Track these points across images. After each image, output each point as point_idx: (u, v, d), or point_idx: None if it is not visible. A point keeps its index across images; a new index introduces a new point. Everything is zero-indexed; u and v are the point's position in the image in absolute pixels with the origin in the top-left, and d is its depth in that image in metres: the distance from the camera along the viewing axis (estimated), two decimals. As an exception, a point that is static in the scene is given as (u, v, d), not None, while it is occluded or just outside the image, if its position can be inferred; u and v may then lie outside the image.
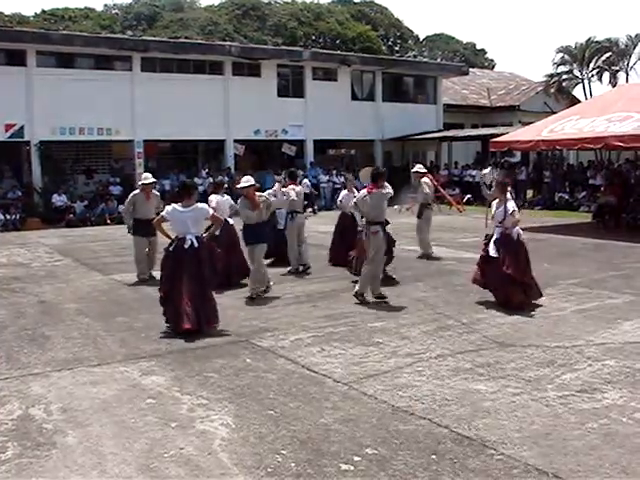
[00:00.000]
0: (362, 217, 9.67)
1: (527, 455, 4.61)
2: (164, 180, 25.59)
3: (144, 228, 11.03)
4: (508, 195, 9.41)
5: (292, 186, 12.33)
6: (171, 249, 8.08)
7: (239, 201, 10.07)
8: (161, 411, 5.49)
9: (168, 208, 8.30)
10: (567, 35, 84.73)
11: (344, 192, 12.62)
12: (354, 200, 9.89)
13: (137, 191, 11.75)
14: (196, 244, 7.99)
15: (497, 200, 9.40)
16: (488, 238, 9.41)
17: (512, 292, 8.95)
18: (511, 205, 9.20)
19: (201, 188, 23.19)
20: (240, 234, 10.59)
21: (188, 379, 6.28)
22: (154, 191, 12.06)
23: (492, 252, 9.13)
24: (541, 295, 9.24)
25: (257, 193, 10.08)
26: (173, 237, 8.16)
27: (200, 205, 8.34)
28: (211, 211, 8.50)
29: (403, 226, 13.91)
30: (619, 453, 4.63)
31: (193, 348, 7.30)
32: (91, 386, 6.12)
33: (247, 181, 9.86)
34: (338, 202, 12.76)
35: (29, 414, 5.47)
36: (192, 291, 7.83)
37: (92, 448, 4.82)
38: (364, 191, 9.49)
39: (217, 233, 8.84)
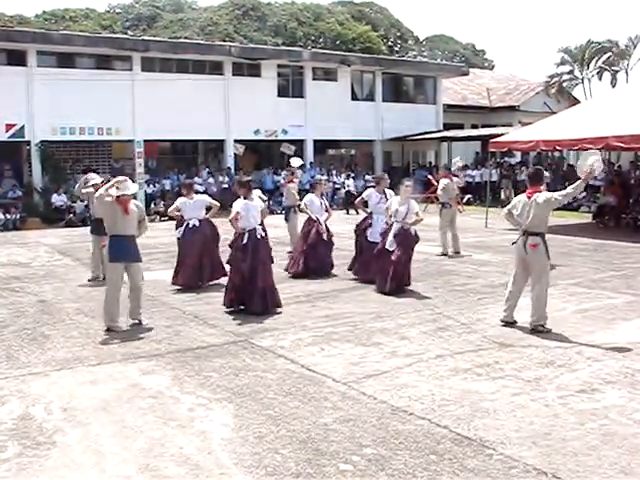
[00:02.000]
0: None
1: (526, 455, 4.61)
2: (164, 180, 25.65)
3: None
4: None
5: (292, 184, 12.53)
6: (244, 241, 8.85)
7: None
8: (161, 410, 5.49)
9: (239, 203, 8.94)
10: (567, 36, 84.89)
11: (373, 192, 11.61)
12: None
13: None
14: (263, 234, 9.06)
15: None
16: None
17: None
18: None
19: (201, 188, 23.26)
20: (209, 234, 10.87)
21: (188, 379, 6.28)
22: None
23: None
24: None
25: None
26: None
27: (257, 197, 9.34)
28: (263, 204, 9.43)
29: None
30: (618, 453, 4.63)
31: (193, 348, 7.31)
32: (91, 385, 6.13)
33: (126, 189, 8.13)
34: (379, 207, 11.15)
35: (29, 413, 5.47)
36: (267, 278, 8.94)
37: (92, 447, 4.83)
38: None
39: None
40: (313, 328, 8.10)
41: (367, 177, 29.47)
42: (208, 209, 10.95)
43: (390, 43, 55.47)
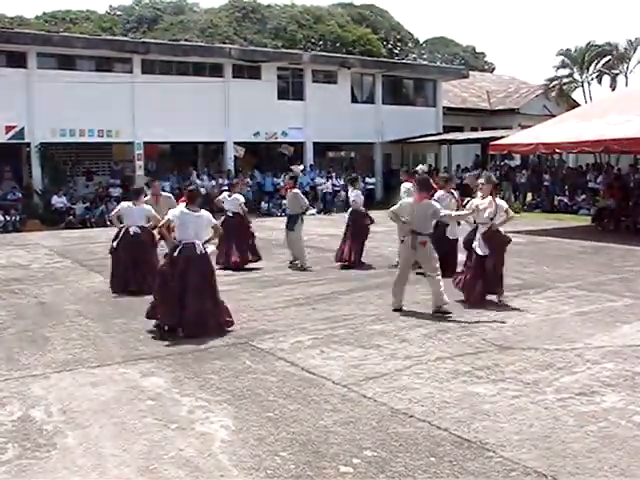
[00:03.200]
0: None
1: (526, 458, 4.61)
2: (164, 182, 25.64)
3: None
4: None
5: (295, 190, 12.56)
6: (176, 254, 7.98)
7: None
8: (161, 413, 5.49)
9: (174, 211, 8.25)
10: (567, 39, 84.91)
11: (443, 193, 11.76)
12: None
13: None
14: (203, 250, 8.08)
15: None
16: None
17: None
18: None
19: (203, 191, 23.27)
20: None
21: (188, 381, 6.28)
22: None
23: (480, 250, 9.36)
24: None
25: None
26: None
27: (205, 212, 8.31)
28: (214, 220, 8.42)
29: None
30: (618, 456, 4.63)
31: (193, 350, 7.31)
32: (91, 387, 6.12)
33: None
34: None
35: (29, 415, 5.47)
36: (204, 297, 7.94)
37: (92, 449, 4.82)
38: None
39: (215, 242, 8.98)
40: (313, 330, 8.10)
41: (367, 179, 29.56)
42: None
43: (390, 46, 55.48)
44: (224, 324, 8.10)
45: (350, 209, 13.09)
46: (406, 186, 12.50)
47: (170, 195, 12.55)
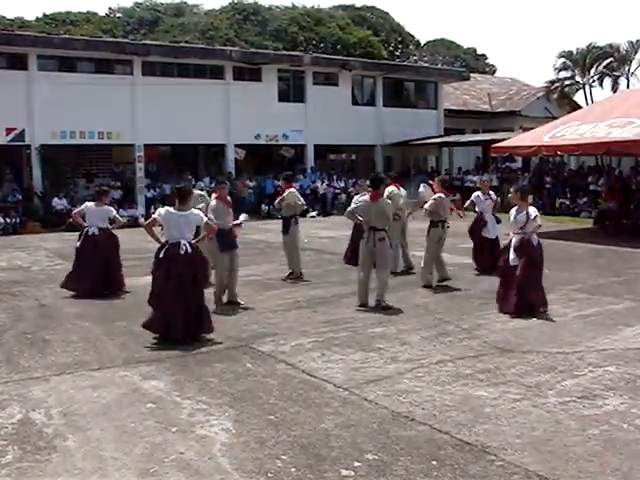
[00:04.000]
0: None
1: (528, 461, 4.60)
2: (165, 184, 25.64)
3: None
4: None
5: (291, 189, 12.28)
6: (161, 255, 7.83)
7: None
8: (161, 415, 5.48)
9: (161, 210, 8.14)
10: (568, 40, 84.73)
11: (480, 194, 12.75)
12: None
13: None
14: (190, 250, 7.81)
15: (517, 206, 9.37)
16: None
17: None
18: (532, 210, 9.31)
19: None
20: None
21: (188, 384, 6.27)
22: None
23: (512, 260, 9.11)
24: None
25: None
26: (163, 241, 7.99)
27: (195, 211, 8.15)
28: (205, 219, 8.29)
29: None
30: (620, 459, 4.62)
31: (193, 353, 7.30)
32: (91, 390, 6.11)
33: None
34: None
35: (29, 418, 5.46)
36: (187, 299, 7.70)
37: (92, 452, 4.81)
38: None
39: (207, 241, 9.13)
40: (314, 333, 8.09)
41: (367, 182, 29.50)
42: (112, 221, 11.01)
43: (391, 48, 55.48)
44: (200, 329, 7.82)
45: None
46: (389, 190, 11.95)
47: (203, 193, 12.33)
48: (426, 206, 11.00)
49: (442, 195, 11.08)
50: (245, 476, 4.43)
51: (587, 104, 34.34)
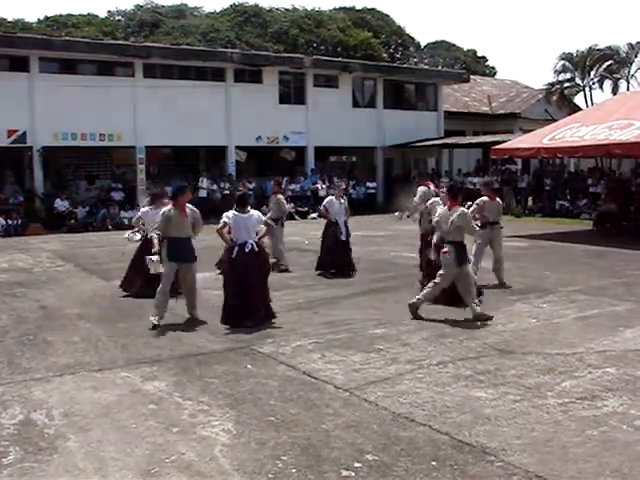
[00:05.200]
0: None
1: (527, 462, 4.62)
2: (167, 187, 25.63)
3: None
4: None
5: (279, 195, 12.72)
6: (233, 255, 8.53)
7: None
8: (162, 416, 5.50)
9: (229, 214, 8.69)
10: (568, 43, 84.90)
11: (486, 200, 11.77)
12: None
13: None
14: (256, 248, 8.59)
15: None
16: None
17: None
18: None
19: (203, 193, 23.31)
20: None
21: (189, 385, 6.29)
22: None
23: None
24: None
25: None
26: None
27: (255, 212, 8.91)
28: (263, 217, 9.14)
29: (404, 233, 13.88)
30: (619, 460, 4.63)
31: (194, 354, 7.32)
32: (92, 391, 6.13)
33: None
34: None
35: (31, 419, 5.48)
36: (259, 292, 8.61)
37: (93, 453, 4.83)
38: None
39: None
40: (314, 335, 8.10)
41: (368, 184, 29.57)
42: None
43: (391, 50, 55.47)
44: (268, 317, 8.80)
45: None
46: (422, 190, 12.43)
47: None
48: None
49: (484, 199, 11.37)
50: (246, 477, 4.45)
51: (587, 106, 34.35)
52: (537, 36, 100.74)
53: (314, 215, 25.56)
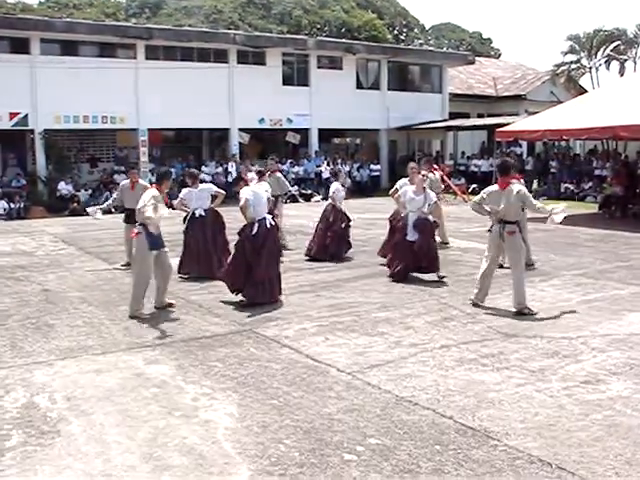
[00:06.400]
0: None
1: (531, 446, 4.60)
2: (170, 168, 25.59)
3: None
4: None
5: (278, 174, 12.86)
6: (254, 231, 8.67)
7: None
8: (165, 400, 5.49)
9: (249, 192, 8.80)
10: (574, 24, 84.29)
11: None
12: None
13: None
14: (273, 223, 8.97)
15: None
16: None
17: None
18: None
19: (208, 178, 23.23)
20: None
21: (192, 368, 6.28)
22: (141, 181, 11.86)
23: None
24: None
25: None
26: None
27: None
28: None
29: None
30: (623, 444, 4.62)
31: (197, 337, 7.31)
32: (95, 375, 6.13)
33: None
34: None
35: (33, 402, 5.48)
36: (272, 266, 8.86)
37: (96, 436, 4.83)
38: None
39: None
40: (317, 318, 8.09)
41: (372, 166, 29.48)
42: (213, 198, 10.95)
43: (396, 31, 55.17)
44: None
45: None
46: (432, 177, 12.79)
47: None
48: None
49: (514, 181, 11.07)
50: (248, 460, 4.44)
51: (593, 88, 34.13)
52: (543, 18, 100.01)
53: (317, 198, 25.50)
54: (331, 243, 12.15)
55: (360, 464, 4.38)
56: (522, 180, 11.51)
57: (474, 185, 24.92)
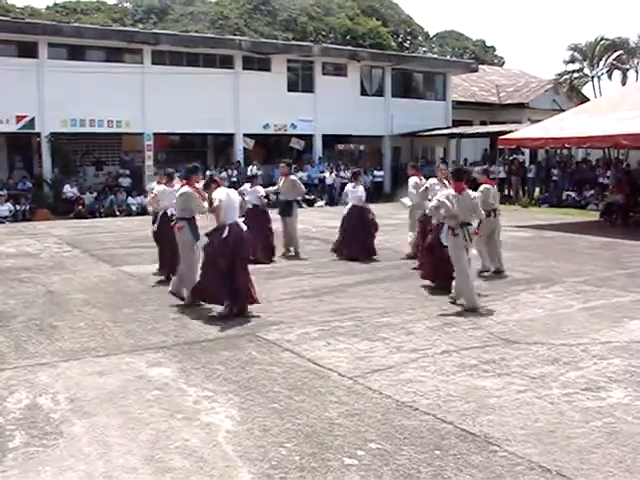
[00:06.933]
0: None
1: (531, 452, 4.61)
2: (177, 172, 25.63)
3: None
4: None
5: (292, 177, 12.80)
6: (224, 235, 8.29)
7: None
8: (167, 402, 5.52)
9: (221, 194, 8.46)
10: (577, 33, 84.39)
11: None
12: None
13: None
14: (245, 228, 8.55)
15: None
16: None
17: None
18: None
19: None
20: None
21: (194, 371, 6.31)
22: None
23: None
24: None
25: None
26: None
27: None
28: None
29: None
30: (623, 452, 4.63)
31: (199, 340, 7.33)
32: (98, 376, 6.16)
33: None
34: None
35: (36, 403, 5.51)
36: (246, 272, 8.53)
37: (98, 438, 4.86)
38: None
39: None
40: (319, 322, 8.11)
41: (375, 172, 29.52)
42: None
43: (400, 39, 55.26)
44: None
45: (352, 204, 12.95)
46: (414, 180, 12.52)
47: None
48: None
49: (487, 186, 11.24)
50: (249, 463, 4.46)
51: (595, 97, 34.12)
52: (546, 27, 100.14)
53: (321, 203, 25.54)
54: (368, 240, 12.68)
55: (360, 468, 4.40)
56: (495, 186, 12.04)
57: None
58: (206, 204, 8.59)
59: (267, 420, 5.14)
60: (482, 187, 11.12)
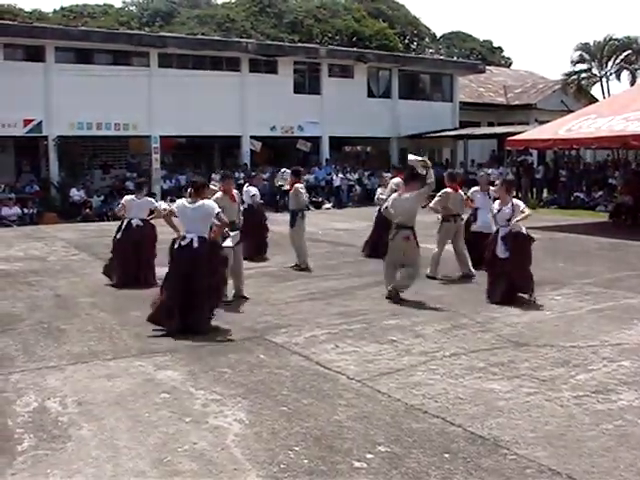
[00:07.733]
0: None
1: (541, 455, 4.59)
2: (180, 176, 25.73)
3: None
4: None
5: (297, 185, 12.12)
6: (175, 246, 7.88)
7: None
8: (175, 406, 5.51)
9: (178, 202, 8.27)
10: (585, 33, 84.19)
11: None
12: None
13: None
14: (196, 244, 7.69)
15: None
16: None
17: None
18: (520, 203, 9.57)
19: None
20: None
21: (202, 374, 6.30)
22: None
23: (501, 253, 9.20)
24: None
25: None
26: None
27: (208, 202, 7.92)
28: (217, 210, 7.80)
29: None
30: (634, 455, 4.59)
31: (207, 343, 7.32)
32: (106, 380, 6.16)
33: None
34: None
35: (45, 407, 5.51)
36: (183, 294, 7.64)
37: (106, 441, 4.85)
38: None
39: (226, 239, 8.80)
40: (327, 325, 8.09)
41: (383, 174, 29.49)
42: (151, 212, 11.05)
43: (407, 40, 55.23)
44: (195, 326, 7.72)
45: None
46: (395, 181, 12.43)
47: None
48: (431, 204, 10.92)
49: (448, 190, 11.13)
50: (258, 467, 4.45)
51: (604, 97, 34.02)
52: (553, 27, 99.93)
53: (328, 205, 25.54)
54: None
55: (369, 472, 4.38)
56: (460, 191, 12.08)
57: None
58: (175, 207, 8.22)
59: (275, 423, 5.13)
60: (442, 191, 11.09)
